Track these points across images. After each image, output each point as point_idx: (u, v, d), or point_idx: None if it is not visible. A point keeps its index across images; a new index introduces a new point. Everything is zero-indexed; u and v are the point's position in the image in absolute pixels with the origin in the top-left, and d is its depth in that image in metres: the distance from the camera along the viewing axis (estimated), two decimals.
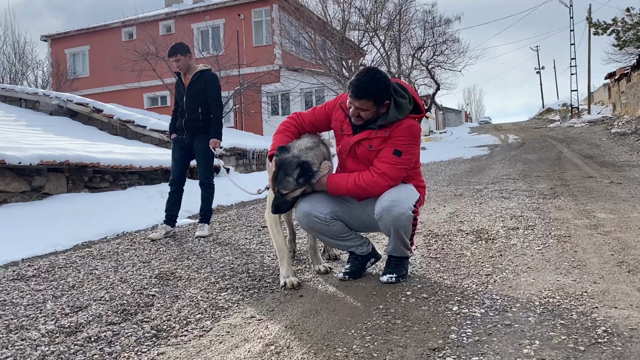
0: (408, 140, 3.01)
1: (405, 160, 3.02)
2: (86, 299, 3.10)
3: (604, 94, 38.41)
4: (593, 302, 2.58)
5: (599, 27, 17.19)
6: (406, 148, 3.00)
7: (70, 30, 29.43)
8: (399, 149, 2.99)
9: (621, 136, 17.35)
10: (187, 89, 5.20)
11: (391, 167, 2.99)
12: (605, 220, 4.66)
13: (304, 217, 3.19)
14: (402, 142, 3.00)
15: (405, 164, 3.03)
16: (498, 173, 9.80)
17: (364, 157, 3.12)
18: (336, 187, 3.08)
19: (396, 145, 3.00)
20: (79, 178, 7.17)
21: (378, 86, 2.93)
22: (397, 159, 2.99)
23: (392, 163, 2.99)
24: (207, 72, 5.28)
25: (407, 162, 3.04)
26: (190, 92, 5.18)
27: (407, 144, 3.01)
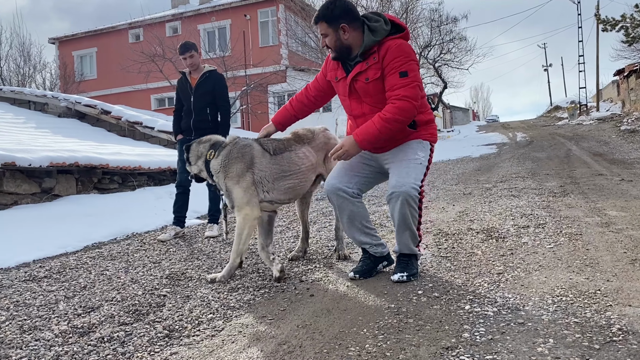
0: (404, 58, 3.01)
1: (414, 78, 3.01)
2: (98, 300, 3.12)
3: (612, 91, 38.14)
4: (607, 300, 2.56)
5: (608, 23, 17.07)
6: (407, 66, 3.00)
7: (77, 32, 29.62)
8: (402, 70, 2.99)
9: (631, 133, 17.22)
10: (195, 89, 5.17)
11: (406, 89, 2.97)
12: (617, 217, 4.62)
13: (333, 194, 3.26)
14: (401, 62, 3.00)
15: (415, 81, 3.02)
16: (507, 171, 9.75)
17: (364, 93, 3.14)
18: (366, 136, 3.03)
19: (397, 68, 2.99)
20: (88, 179, 7.21)
21: (325, 7, 3.07)
22: (406, 79, 2.99)
23: (405, 84, 2.98)
24: (215, 72, 5.29)
25: (416, 79, 3.03)
26: (198, 92, 5.16)
27: (405, 62, 3.00)
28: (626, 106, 29.24)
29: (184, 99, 5.26)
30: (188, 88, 5.21)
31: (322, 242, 4.44)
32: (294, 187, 3.59)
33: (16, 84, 24.63)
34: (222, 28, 25.58)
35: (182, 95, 5.28)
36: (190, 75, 5.26)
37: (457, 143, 22.64)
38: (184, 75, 5.30)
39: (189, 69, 5.24)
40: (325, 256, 3.92)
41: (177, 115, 5.39)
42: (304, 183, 3.64)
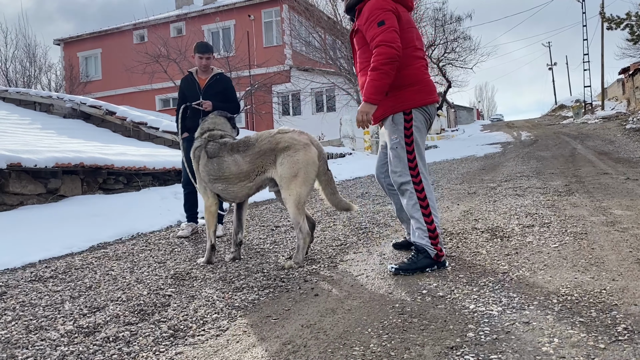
0: (379, 10, 3.27)
1: (389, 24, 3.22)
2: (103, 300, 3.13)
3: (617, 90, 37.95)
4: (612, 299, 2.55)
5: (613, 21, 16.98)
6: (384, 15, 3.25)
7: (82, 33, 29.72)
8: (378, 20, 3.24)
9: (636, 132, 17.14)
10: (206, 90, 5.18)
11: (382, 34, 3.20)
12: (622, 216, 4.60)
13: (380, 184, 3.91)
14: (375, 14, 3.27)
15: (391, 26, 3.22)
16: (511, 170, 9.72)
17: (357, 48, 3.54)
18: (367, 91, 3.26)
19: (373, 20, 3.27)
20: (93, 180, 7.23)
21: None
22: (382, 27, 3.22)
23: (380, 31, 3.21)
24: (224, 74, 5.36)
25: (392, 23, 3.23)
26: (209, 93, 5.17)
27: (379, 12, 3.26)
28: (631, 105, 29.10)
29: (191, 98, 5.22)
30: (197, 88, 5.20)
31: (327, 242, 4.44)
32: (225, 190, 3.94)
33: (22, 86, 24.76)
34: (226, 28, 25.62)
35: (188, 94, 5.24)
36: (197, 75, 5.26)
37: (462, 142, 22.59)
38: (190, 74, 5.29)
39: (199, 69, 5.24)
40: (330, 256, 3.92)
41: (182, 114, 5.30)
42: (233, 188, 3.90)
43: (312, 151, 3.72)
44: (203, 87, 5.21)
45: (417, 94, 3.37)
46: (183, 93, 5.30)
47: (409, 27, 3.41)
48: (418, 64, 3.41)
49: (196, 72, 5.27)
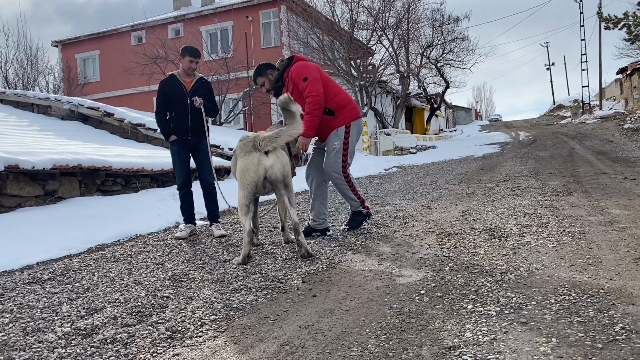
0: (301, 70, 4.51)
1: (313, 79, 4.44)
2: (101, 302, 3.12)
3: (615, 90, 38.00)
4: (610, 299, 2.55)
5: (610, 21, 17.00)
6: (306, 73, 4.47)
7: (80, 35, 29.68)
8: (302, 76, 4.46)
9: (634, 131, 17.16)
10: (193, 92, 5.24)
11: (308, 87, 4.41)
12: (620, 216, 4.61)
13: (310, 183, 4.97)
14: (299, 74, 4.49)
15: (313, 80, 4.43)
16: (510, 171, 9.73)
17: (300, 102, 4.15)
18: (306, 128, 4.27)
19: (299, 77, 4.48)
20: (91, 182, 7.22)
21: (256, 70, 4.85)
22: (306, 82, 4.43)
23: (306, 85, 4.42)
24: (205, 78, 5.48)
25: (314, 77, 4.45)
26: (196, 95, 5.22)
27: (302, 72, 4.48)
28: (629, 104, 29.14)
29: (176, 101, 5.23)
30: (183, 90, 5.23)
31: (325, 243, 4.44)
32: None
33: (20, 88, 24.72)
34: (224, 30, 25.60)
35: (173, 97, 5.23)
36: (181, 78, 5.28)
37: (460, 143, 22.60)
38: (173, 77, 5.30)
39: (186, 71, 5.28)
40: (328, 257, 3.92)
41: (164, 116, 5.34)
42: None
43: (249, 158, 3.90)
44: (189, 89, 5.24)
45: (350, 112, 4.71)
46: (166, 96, 5.26)
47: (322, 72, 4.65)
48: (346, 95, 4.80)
49: (178, 74, 5.29)
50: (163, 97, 5.29)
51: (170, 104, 5.27)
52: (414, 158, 16.06)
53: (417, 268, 3.40)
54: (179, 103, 5.23)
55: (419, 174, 10.62)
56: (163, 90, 5.30)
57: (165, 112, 5.33)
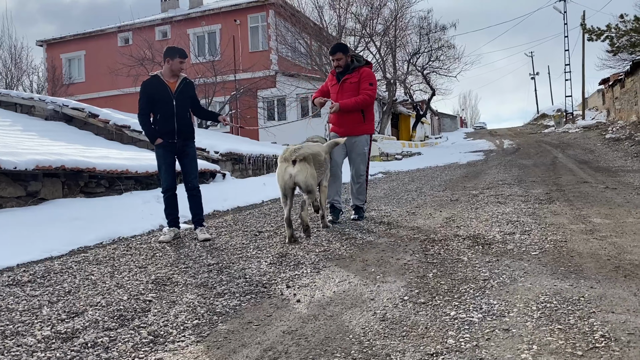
0: (371, 77, 5.65)
1: (374, 86, 5.68)
2: (82, 305, 3.09)
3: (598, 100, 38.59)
4: (590, 306, 2.58)
5: (593, 33, 17.29)
6: (372, 80, 5.65)
7: (66, 35, 29.38)
8: (370, 82, 5.60)
9: (615, 141, 17.44)
10: (178, 94, 5.15)
11: (370, 90, 5.56)
12: (601, 225, 4.68)
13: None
14: (370, 79, 5.62)
15: (375, 88, 5.69)
16: (494, 178, 9.82)
17: (349, 89, 5.59)
18: (344, 105, 5.50)
19: (368, 80, 5.59)
20: (74, 183, 7.14)
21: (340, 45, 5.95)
22: (372, 86, 5.61)
23: (369, 88, 5.57)
24: (189, 79, 5.37)
25: (375, 87, 5.69)
26: (182, 97, 5.16)
27: (372, 79, 5.64)
28: (611, 115, 29.62)
29: (162, 102, 5.11)
30: (169, 93, 5.13)
31: (310, 248, 4.43)
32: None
33: (4, 87, 24.40)
34: (212, 33, 25.52)
35: (158, 98, 5.11)
36: (165, 79, 5.16)
37: (445, 150, 22.76)
38: (157, 78, 5.16)
39: (173, 72, 5.17)
40: (313, 262, 3.92)
41: (149, 118, 5.21)
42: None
43: (280, 167, 4.81)
44: (175, 90, 5.14)
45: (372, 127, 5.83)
46: (151, 97, 5.12)
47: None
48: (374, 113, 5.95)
49: (161, 75, 5.17)
50: (147, 99, 5.14)
51: (154, 105, 5.14)
52: (400, 164, 16.13)
53: (401, 274, 3.42)
54: (165, 105, 5.11)
55: (404, 180, 10.67)
56: (146, 92, 5.15)
57: (149, 114, 5.19)
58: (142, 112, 5.18)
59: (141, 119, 5.20)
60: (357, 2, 20.89)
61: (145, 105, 5.15)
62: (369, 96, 5.52)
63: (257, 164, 12.92)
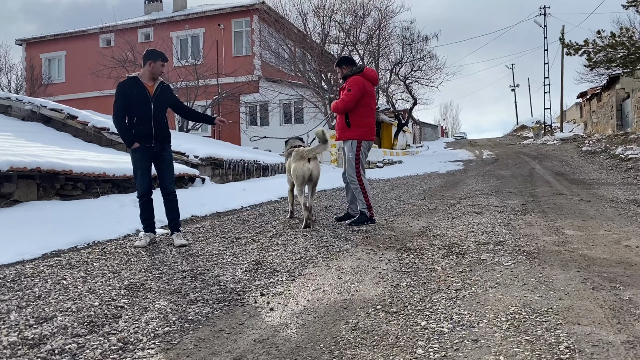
0: (351, 84, 5.96)
1: (352, 91, 5.92)
2: (52, 310, 3.04)
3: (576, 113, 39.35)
4: (558, 318, 2.63)
5: (572, 47, 17.61)
6: (351, 86, 5.94)
7: (46, 34, 29.01)
8: (349, 88, 5.96)
9: (591, 154, 17.77)
10: (156, 97, 5.10)
11: (346, 96, 5.95)
12: (573, 237, 4.76)
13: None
14: (350, 85, 5.97)
15: (351, 94, 5.93)
16: (472, 188, 9.93)
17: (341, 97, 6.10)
18: (333, 108, 6.16)
19: (348, 87, 5.98)
20: (50, 185, 7.04)
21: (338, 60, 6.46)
22: (349, 92, 5.95)
23: (345, 94, 5.97)
24: (165, 82, 5.33)
25: (354, 93, 5.92)
26: (160, 100, 5.12)
27: (351, 85, 5.95)
28: (588, 128, 30.20)
29: (139, 105, 5.02)
30: (148, 95, 5.05)
31: (287, 255, 4.43)
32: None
33: None
34: (195, 36, 25.44)
35: (136, 101, 5.01)
36: (143, 81, 5.07)
37: (426, 159, 22.95)
38: (134, 80, 5.08)
39: (152, 75, 5.10)
40: (289, 269, 3.92)
41: (126, 121, 5.08)
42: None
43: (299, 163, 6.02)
44: (153, 94, 5.08)
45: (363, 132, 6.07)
46: (128, 99, 5.01)
47: (370, 97, 6.08)
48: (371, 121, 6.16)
49: (140, 78, 5.09)
50: (124, 100, 5.02)
51: (131, 108, 5.02)
52: (381, 172, 16.22)
53: (375, 283, 3.44)
54: (142, 108, 5.02)
55: (385, 188, 10.73)
56: (124, 93, 5.03)
57: (125, 116, 5.06)
58: (118, 113, 5.07)
59: (117, 121, 5.09)
60: (341, 10, 21.05)
61: (121, 107, 5.04)
62: (341, 101, 5.99)
63: (237, 169, 12.88)
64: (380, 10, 21.25)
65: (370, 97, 6.09)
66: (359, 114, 6.01)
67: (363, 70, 6.13)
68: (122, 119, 5.07)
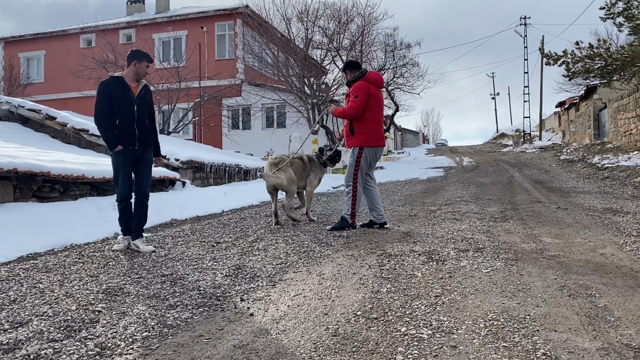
0: (356, 90, 5.98)
1: (359, 98, 5.92)
2: (27, 314, 2.99)
3: (554, 122, 40.03)
4: (535, 325, 2.67)
5: (551, 57, 17.93)
6: (358, 93, 5.95)
7: (25, 33, 28.58)
8: (356, 94, 5.96)
9: (569, 163, 18.07)
10: (140, 99, 5.00)
11: (354, 103, 5.94)
12: (551, 244, 4.84)
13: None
14: (355, 92, 5.98)
15: (358, 100, 5.92)
16: (452, 195, 10.03)
17: (347, 103, 6.14)
18: (335, 111, 6.28)
19: (354, 93, 5.99)
20: (27, 187, 6.92)
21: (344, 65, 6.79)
22: (355, 99, 5.94)
23: (352, 100, 5.98)
24: (148, 86, 5.22)
25: (361, 100, 5.92)
26: (142, 103, 5.02)
27: (356, 91, 5.96)
28: (566, 137, 30.73)
29: (123, 106, 4.89)
30: (132, 96, 4.94)
31: (267, 260, 4.42)
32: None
33: None
34: (177, 38, 25.29)
35: (120, 102, 4.88)
36: (128, 83, 4.96)
37: (407, 165, 23.10)
38: (119, 80, 4.95)
39: (136, 76, 5.00)
40: (269, 275, 3.91)
41: (110, 123, 4.90)
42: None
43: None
44: (136, 95, 4.98)
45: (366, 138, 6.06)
46: (112, 98, 4.86)
47: (376, 101, 6.05)
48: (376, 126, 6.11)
49: (122, 77, 4.97)
50: (108, 100, 4.86)
51: (114, 109, 4.88)
52: None
53: (356, 289, 3.45)
54: (125, 109, 4.90)
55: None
56: (108, 93, 4.86)
57: (109, 117, 4.89)
58: (103, 114, 4.88)
59: (102, 122, 4.90)
60: (325, 16, 21.12)
61: (105, 107, 4.86)
62: (350, 108, 5.97)
63: (219, 172, 12.81)
64: (364, 17, 21.38)
65: (376, 101, 6.03)
66: (364, 119, 5.99)
67: (366, 74, 6.07)
68: (106, 120, 4.89)
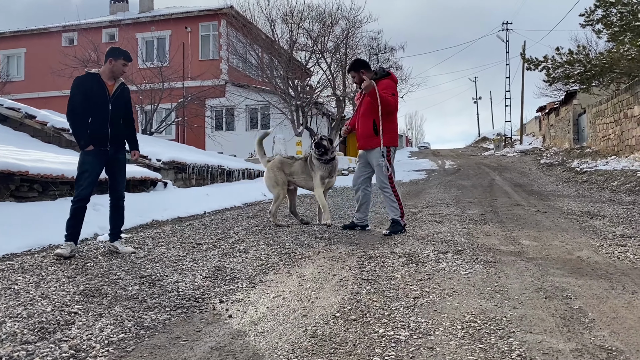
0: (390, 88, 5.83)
1: (397, 98, 5.88)
2: (1, 316, 2.94)
3: (535, 126, 40.56)
4: (511, 326, 2.70)
5: (532, 63, 18.19)
6: (393, 91, 5.84)
7: (5, 31, 28.15)
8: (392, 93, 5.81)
9: (549, 167, 18.32)
10: (115, 98, 4.85)
11: (393, 98, 5.81)
12: (529, 247, 4.90)
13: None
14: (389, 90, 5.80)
15: (397, 99, 5.89)
16: (433, 197, 10.10)
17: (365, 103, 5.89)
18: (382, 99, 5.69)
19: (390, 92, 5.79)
20: (4, 186, 6.81)
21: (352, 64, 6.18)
22: (394, 97, 5.82)
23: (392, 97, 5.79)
24: (125, 84, 5.06)
25: (397, 99, 5.90)
26: (117, 102, 4.87)
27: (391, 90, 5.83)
28: (546, 141, 31.15)
29: (98, 105, 4.73)
30: (107, 95, 4.79)
31: (248, 262, 4.41)
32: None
33: None
34: (161, 38, 25.13)
35: (95, 100, 4.71)
36: (105, 82, 4.81)
37: None
38: (94, 77, 4.79)
39: (113, 75, 4.85)
40: (249, 276, 3.90)
41: (83, 120, 4.72)
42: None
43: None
44: (112, 94, 4.83)
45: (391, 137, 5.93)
46: (87, 95, 4.71)
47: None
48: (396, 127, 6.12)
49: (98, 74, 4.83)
50: (82, 97, 4.70)
51: (90, 103, 4.71)
52: (346, 180, 16.28)
53: (335, 290, 3.45)
54: (99, 107, 4.74)
55: (349, 196, 10.79)
56: (82, 90, 4.70)
57: (82, 114, 4.73)
58: (76, 111, 4.71)
59: (75, 119, 4.73)
60: (310, 18, 21.13)
61: (79, 103, 4.70)
62: (394, 100, 5.81)
63: (201, 173, 12.74)
64: (348, 20, 21.44)
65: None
66: (389, 119, 5.85)
67: (391, 74, 6.02)
68: (79, 117, 4.72)
